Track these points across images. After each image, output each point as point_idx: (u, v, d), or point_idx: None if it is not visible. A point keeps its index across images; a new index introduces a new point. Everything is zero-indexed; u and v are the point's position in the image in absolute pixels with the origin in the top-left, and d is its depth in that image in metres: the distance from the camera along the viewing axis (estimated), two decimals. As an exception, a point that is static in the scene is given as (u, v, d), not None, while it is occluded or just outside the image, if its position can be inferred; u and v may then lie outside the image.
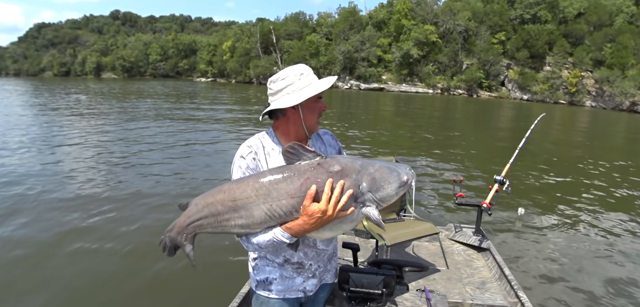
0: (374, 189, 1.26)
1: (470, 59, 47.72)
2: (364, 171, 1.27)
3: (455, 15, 49.11)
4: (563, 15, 47.36)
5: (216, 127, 15.32)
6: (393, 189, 1.27)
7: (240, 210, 1.26)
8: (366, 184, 1.26)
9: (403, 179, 1.29)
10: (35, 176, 7.55)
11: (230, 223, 1.28)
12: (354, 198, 1.25)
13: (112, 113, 18.74)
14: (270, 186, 1.24)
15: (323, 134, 1.68)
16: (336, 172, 1.25)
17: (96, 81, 65.16)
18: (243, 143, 1.50)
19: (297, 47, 54.51)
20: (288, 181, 1.24)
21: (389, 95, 41.68)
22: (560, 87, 42.97)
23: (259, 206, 1.24)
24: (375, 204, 1.27)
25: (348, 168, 1.26)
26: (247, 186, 1.26)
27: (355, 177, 1.25)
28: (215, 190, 1.32)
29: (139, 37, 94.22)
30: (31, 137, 11.81)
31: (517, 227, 5.56)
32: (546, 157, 11.13)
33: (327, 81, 1.47)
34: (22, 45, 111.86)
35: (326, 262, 1.68)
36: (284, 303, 1.60)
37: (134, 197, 6.43)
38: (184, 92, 37.70)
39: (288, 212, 1.25)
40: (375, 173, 1.27)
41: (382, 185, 1.26)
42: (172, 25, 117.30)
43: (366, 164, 1.29)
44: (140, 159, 9.31)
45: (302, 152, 1.27)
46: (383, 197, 1.27)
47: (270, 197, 1.23)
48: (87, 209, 5.86)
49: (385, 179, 1.27)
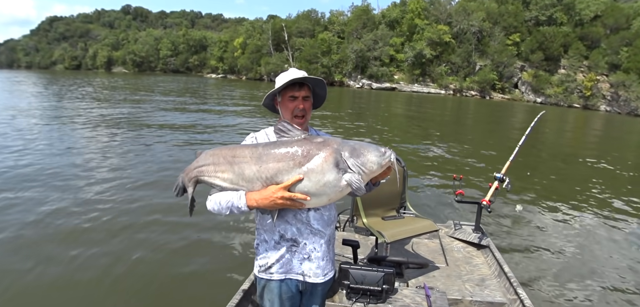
0: (355, 156, 1.41)
1: (484, 60, 47.36)
2: (344, 143, 1.44)
3: (469, 15, 48.77)
4: (579, 17, 46.88)
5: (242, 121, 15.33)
6: (373, 156, 1.41)
7: (235, 165, 1.47)
8: (347, 152, 1.41)
9: (381, 150, 1.43)
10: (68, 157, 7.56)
11: (224, 175, 1.49)
12: (336, 164, 1.40)
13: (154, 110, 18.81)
14: (262, 151, 1.45)
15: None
16: (319, 142, 1.43)
17: (108, 75, 65.56)
18: (250, 133, 1.76)
19: (309, 44, 54.38)
20: (277, 146, 1.45)
21: (400, 95, 41.48)
22: (575, 90, 42.49)
23: (250, 165, 1.45)
24: (357, 170, 1.40)
25: (330, 140, 1.46)
26: (246, 149, 1.50)
27: (336, 146, 1.42)
28: (224, 146, 1.57)
29: (149, 32, 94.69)
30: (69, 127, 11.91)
31: (516, 224, 5.60)
32: (551, 157, 11.10)
33: (283, 77, 1.70)
34: (34, 38, 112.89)
35: (323, 247, 1.73)
36: (283, 285, 1.72)
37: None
38: (198, 87, 37.80)
39: (273, 174, 1.43)
40: (355, 144, 1.44)
41: (363, 152, 1.41)
42: (182, 21, 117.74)
43: (346, 140, 1.47)
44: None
45: (290, 128, 1.47)
46: (364, 162, 1.40)
47: (260, 159, 1.43)
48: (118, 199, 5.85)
49: (365, 148, 1.43)
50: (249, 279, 2.71)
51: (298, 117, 1.67)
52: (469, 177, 7.95)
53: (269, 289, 1.74)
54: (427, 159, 9.94)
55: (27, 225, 4.88)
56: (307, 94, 1.70)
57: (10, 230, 4.72)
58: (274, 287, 1.72)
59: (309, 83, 1.72)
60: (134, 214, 5.43)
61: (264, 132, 1.75)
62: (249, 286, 2.64)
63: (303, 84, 1.70)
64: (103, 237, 4.68)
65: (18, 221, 4.96)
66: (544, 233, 5.40)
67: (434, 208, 5.98)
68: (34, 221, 4.99)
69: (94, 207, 5.58)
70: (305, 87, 1.71)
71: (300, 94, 1.68)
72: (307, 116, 1.70)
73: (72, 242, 4.51)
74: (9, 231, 4.69)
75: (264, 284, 1.75)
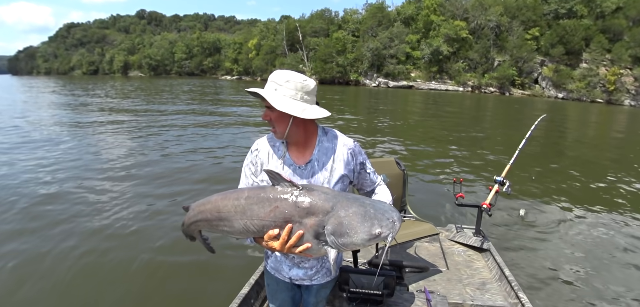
0: (337, 234, 1.24)
1: (503, 56, 46.69)
2: (333, 213, 1.26)
3: (486, 10, 48.17)
4: (600, 9, 45.81)
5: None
6: (359, 238, 1.24)
7: (224, 221, 1.39)
8: (331, 227, 1.25)
9: (374, 232, 1.23)
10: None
11: (220, 228, 1.42)
12: (316, 236, 1.27)
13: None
14: (245, 205, 1.34)
15: (338, 147, 1.63)
16: (303, 208, 1.27)
17: (125, 79, 66.63)
18: (258, 139, 1.69)
19: (323, 44, 54.39)
20: (260, 204, 1.32)
21: (417, 93, 41.07)
22: (598, 85, 41.57)
23: (237, 220, 1.35)
24: (336, 247, 1.27)
25: (316, 206, 1.26)
26: (228, 202, 1.38)
27: (321, 217, 1.26)
28: (205, 200, 1.46)
29: (164, 36, 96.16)
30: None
31: (517, 228, 5.51)
32: (566, 156, 10.73)
33: (260, 90, 1.50)
34: (52, 45, 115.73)
35: (312, 259, 1.70)
36: (276, 279, 1.78)
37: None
38: (214, 89, 38.06)
39: (259, 229, 1.34)
40: (345, 218, 1.24)
41: (348, 232, 1.24)
42: (196, 24, 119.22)
43: (340, 206, 1.27)
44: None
45: (279, 179, 1.31)
46: (345, 243, 1.25)
47: (245, 215, 1.34)
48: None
49: (353, 228, 1.24)
50: (259, 269, 2.88)
51: (270, 126, 1.54)
52: (475, 180, 7.72)
53: (266, 273, 1.84)
54: (431, 160, 9.68)
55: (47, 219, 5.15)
56: (269, 104, 1.51)
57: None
58: (270, 277, 1.82)
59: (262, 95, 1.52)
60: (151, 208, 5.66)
61: (266, 139, 1.65)
62: (256, 279, 2.77)
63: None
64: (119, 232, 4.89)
65: (48, 215, 5.28)
66: (547, 237, 5.26)
67: (434, 211, 5.92)
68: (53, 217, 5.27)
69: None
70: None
71: (265, 103, 1.50)
72: (278, 127, 1.52)
73: (90, 236, 4.73)
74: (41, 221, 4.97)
75: (266, 271, 1.84)
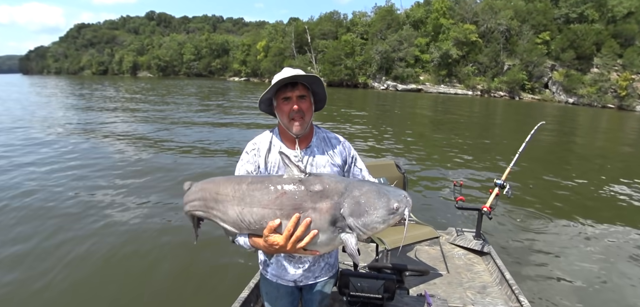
0: (356, 214, 1.16)
1: (512, 60, 46.33)
2: (348, 193, 1.17)
3: (496, 14, 47.86)
4: (612, 14, 45.33)
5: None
6: (379, 215, 1.15)
7: (219, 204, 1.28)
8: (348, 207, 1.16)
9: (392, 206, 1.16)
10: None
11: (213, 212, 1.31)
12: (333, 221, 1.16)
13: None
14: (246, 191, 1.22)
15: (332, 139, 1.69)
16: (316, 192, 1.16)
17: (134, 79, 67.08)
18: (255, 136, 1.63)
19: (332, 46, 54.38)
20: (264, 190, 1.20)
21: (426, 97, 40.81)
22: (609, 90, 41.03)
23: (233, 206, 1.24)
24: (357, 231, 1.17)
25: (330, 189, 1.17)
26: (229, 184, 1.27)
27: (336, 199, 1.16)
28: (210, 179, 1.37)
29: (173, 37, 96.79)
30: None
31: (518, 231, 5.48)
32: (564, 163, 10.59)
33: (275, 78, 1.49)
34: (62, 45, 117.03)
35: (318, 256, 1.67)
36: (276, 286, 1.72)
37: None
38: (223, 90, 38.16)
39: (257, 220, 1.21)
40: (361, 197, 1.17)
41: (367, 210, 1.15)
42: (204, 26, 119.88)
43: (352, 186, 1.19)
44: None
45: (288, 163, 1.21)
46: (366, 223, 1.16)
47: (243, 201, 1.22)
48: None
49: (371, 204, 1.16)
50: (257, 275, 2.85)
51: (295, 119, 1.51)
52: (476, 183, 7.66)
53: (265, 281, 1.77)
54: (432, 163, 9.62)
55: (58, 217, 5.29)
56: (302, 93, 1.52)
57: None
58: (270, 284, 1.75)
59: (303, 82, 1.54)
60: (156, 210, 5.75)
61: (264, 136, 1.62)
62: (256, 282, 2.74)
63: (296, 82, 1.52)
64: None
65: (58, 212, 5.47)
66: (547, 240, 5.23)
67: (435, 215, 5.91)
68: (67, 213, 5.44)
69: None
70: (300, 85, 1.52)
71: (294, 94, 1.50)
72: (306, 117, 1.52)
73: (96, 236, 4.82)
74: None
75: (263, 278, 1.79)
